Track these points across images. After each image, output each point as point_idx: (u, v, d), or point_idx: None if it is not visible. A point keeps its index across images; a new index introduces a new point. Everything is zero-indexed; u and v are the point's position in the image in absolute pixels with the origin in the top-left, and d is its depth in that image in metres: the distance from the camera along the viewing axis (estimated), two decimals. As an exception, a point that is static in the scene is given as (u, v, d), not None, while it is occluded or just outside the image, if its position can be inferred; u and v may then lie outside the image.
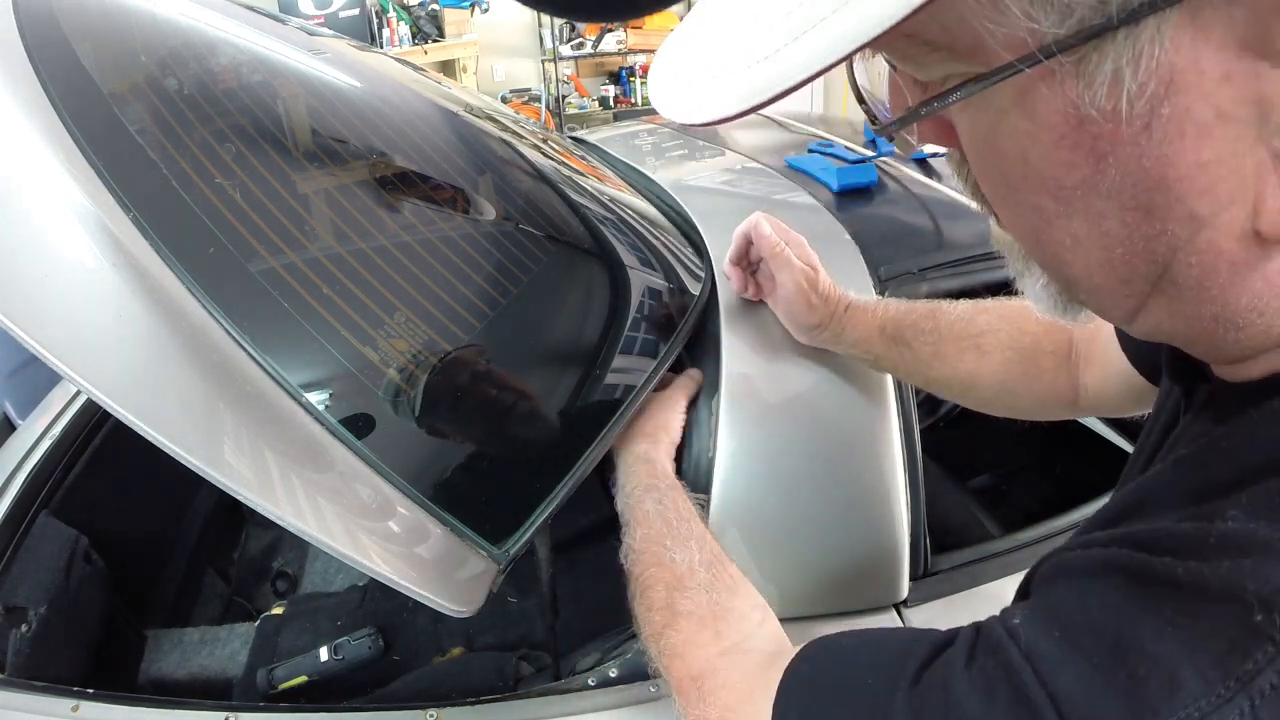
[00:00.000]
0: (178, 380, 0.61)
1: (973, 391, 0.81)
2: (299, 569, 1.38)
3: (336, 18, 4.46)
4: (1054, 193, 0.32)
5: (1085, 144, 0.30)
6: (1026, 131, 0.31)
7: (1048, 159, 0.31)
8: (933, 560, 0.93)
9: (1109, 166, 0.30)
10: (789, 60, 0.28)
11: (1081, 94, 0.29)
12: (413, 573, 0.62)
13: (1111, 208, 0.31)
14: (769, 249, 0.85)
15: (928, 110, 0.33)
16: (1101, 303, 0.36)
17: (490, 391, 0.80)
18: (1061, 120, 0.30)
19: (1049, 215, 0.33)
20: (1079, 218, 0.32)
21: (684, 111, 0.33)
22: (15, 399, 1.73)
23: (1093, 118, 0.29)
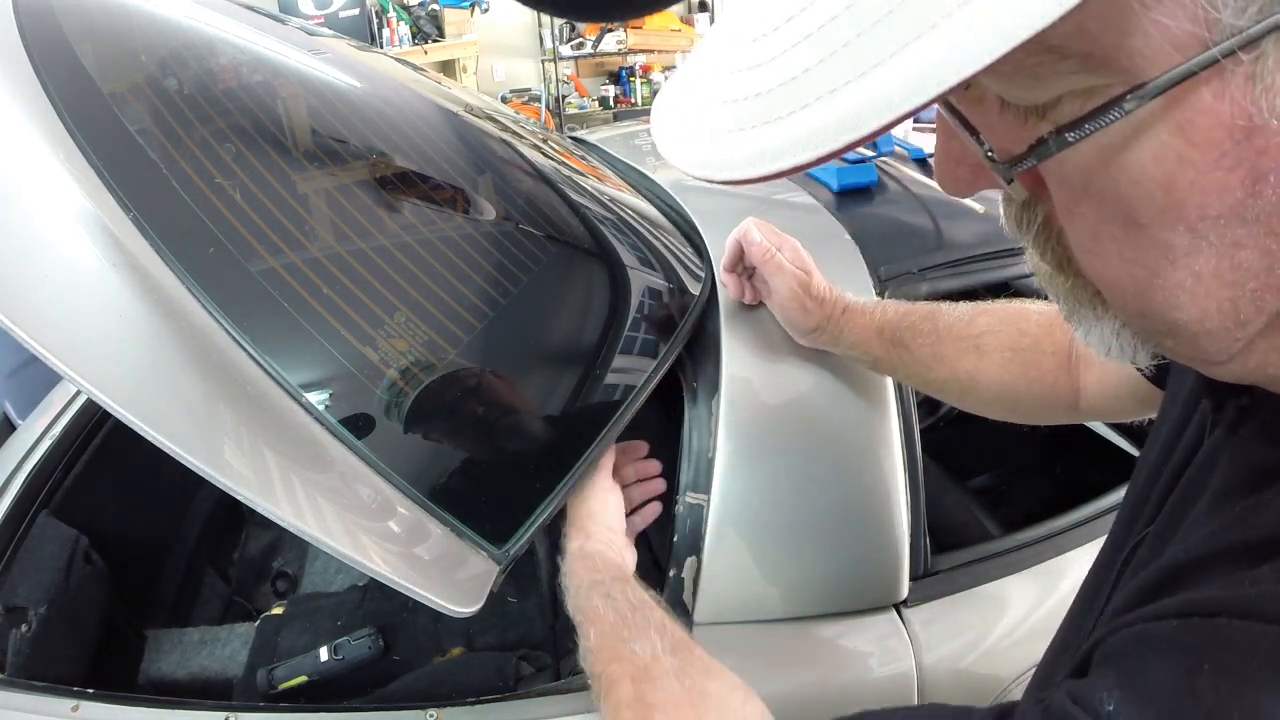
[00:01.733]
0: (178, 380, 0.61)
1: (972, 393, 0.81)
2: (299, 569, 1.37)
3: (336, 18, 4.46)
4: (1192, 225, 0.27)
5: (1247, 161, 0.25)
6: (1177, 152, 0.26)
7: (1198, 184, 0.26)
8: (933, 560, 0.93)
9: (1267, 186, 0.26)
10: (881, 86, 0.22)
11: (1257, 100, 0.24)
12: (413, 573, 0.61)
13: (1255, 234, 0.27)
14: (760, 256, 0.84)
15: (1077, 135, 0.26)
16: (1200, 348, 0.31)
17: (490, 392, 0.80)
18: (1225, 135, 0.25)
19: (1175, 255, 0.28)
20: (1210, 252, 0.28)
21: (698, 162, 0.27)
22: (15, 399, 1.73)
23: (1265, 129, 0.25)
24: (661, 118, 0.31)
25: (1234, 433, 0.39)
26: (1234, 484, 0.38)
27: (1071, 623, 0.54)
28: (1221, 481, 0.39)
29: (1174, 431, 0.48)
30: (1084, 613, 0.52)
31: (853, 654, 0.89)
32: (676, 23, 5.38)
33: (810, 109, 0.23)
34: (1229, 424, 0.40)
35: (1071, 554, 0.99)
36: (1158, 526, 0.44)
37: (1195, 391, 0.46)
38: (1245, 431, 0.38)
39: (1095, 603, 0.49)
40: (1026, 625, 0.94)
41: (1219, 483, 0.39)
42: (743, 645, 0.86)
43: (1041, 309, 0.79)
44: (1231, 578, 0.32)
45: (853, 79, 0.23)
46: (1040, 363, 0.76)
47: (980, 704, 0.40)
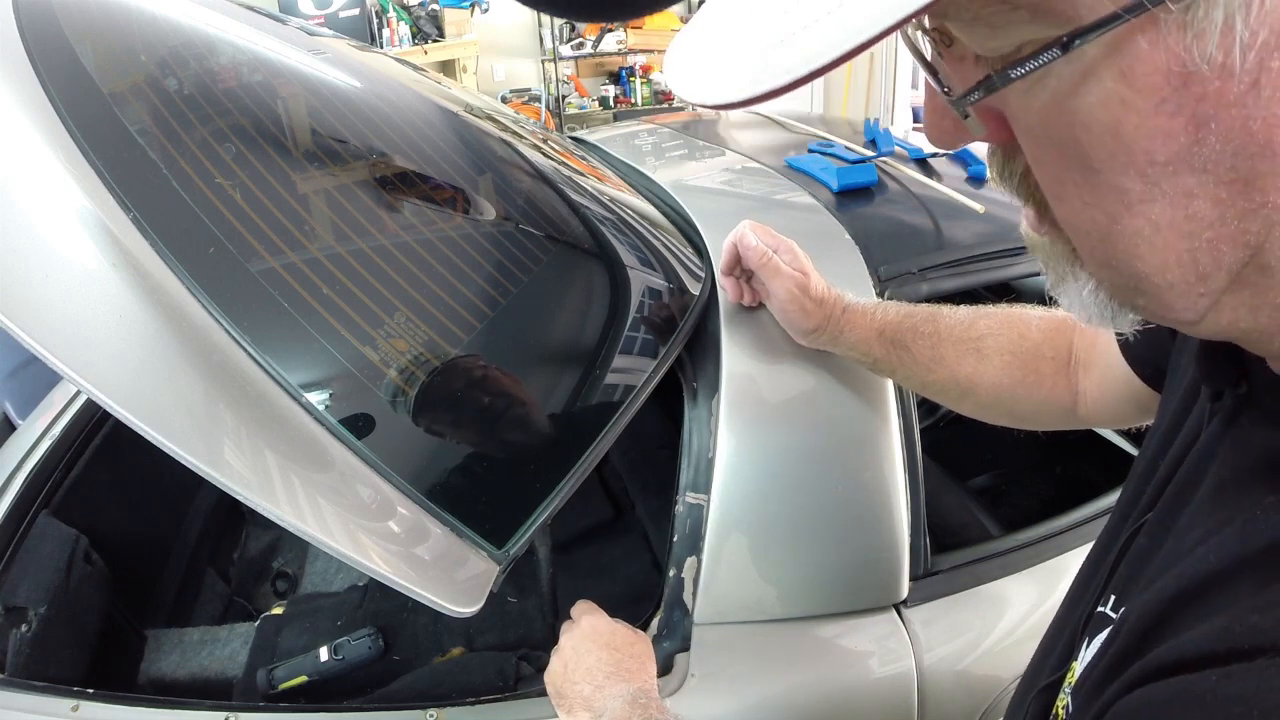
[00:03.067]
0: (178, 380, 0.61)
1: (971, 396, 0.81)
2: (299, 569, 1.38)
3: (336, 18, 4.46)
4: (1142, 170, 0.29)
5: (1187, 108, 0.27)
6: (1120, 97, 0.28)
7: (1143, 129, 0.28)
8: (933, 560, 0.93)
9: (1209, 133, 0.27)
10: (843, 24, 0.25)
11: (1189, 47, 0.26)
12: (413, 573, 0.61)
13: (1205, 183, 0.28)
14: (756, 259, 0.84)
15: (1019, 71, 0.28)
16: (1168, 303, 0.32)
17: (490, 392, 0.80)
18: (1163, 81, 0.27)
19: (1130, 200, 0.29)
20: (1163, 200, 0.29)
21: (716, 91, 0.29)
22: (15, 399, 1.73)
23: (1199, 75, 0.26)
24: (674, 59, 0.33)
25: (1234, 421, 0.39)
26: (1237, 472, 0.38)
27: (1063, 616, 0.54)
28: (1224, 470, 0.39)
29: (1172, 424, 0.48)
30: (1074, 605, 0.52)
31: (853, 654, 0.89)
32: (676, 23, 5.37)
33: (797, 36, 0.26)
34: (1228, 413, 0.40)
35: (1071, 554, 0.99)
36: (1157, 514, 0.44)
37: (1193, 387, 0.46)
38: (1245, 420, 0.38)
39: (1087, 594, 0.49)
40: (1026, 625, 0.94)
41: (1221, 471, 0.39)
42: (743, 645, 0.86)
43: (1042, 314, 0.79)
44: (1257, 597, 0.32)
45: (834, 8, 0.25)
46: (1040, 367, 0.76)
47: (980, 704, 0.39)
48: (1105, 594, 0.46)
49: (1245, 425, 0.38)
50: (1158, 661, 0.34)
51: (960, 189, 1.15)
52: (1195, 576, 0.36)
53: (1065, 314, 0.39)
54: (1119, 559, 0.47)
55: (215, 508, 1.40)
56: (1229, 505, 0.37)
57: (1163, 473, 0.46)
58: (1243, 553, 0.34)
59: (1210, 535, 0.37)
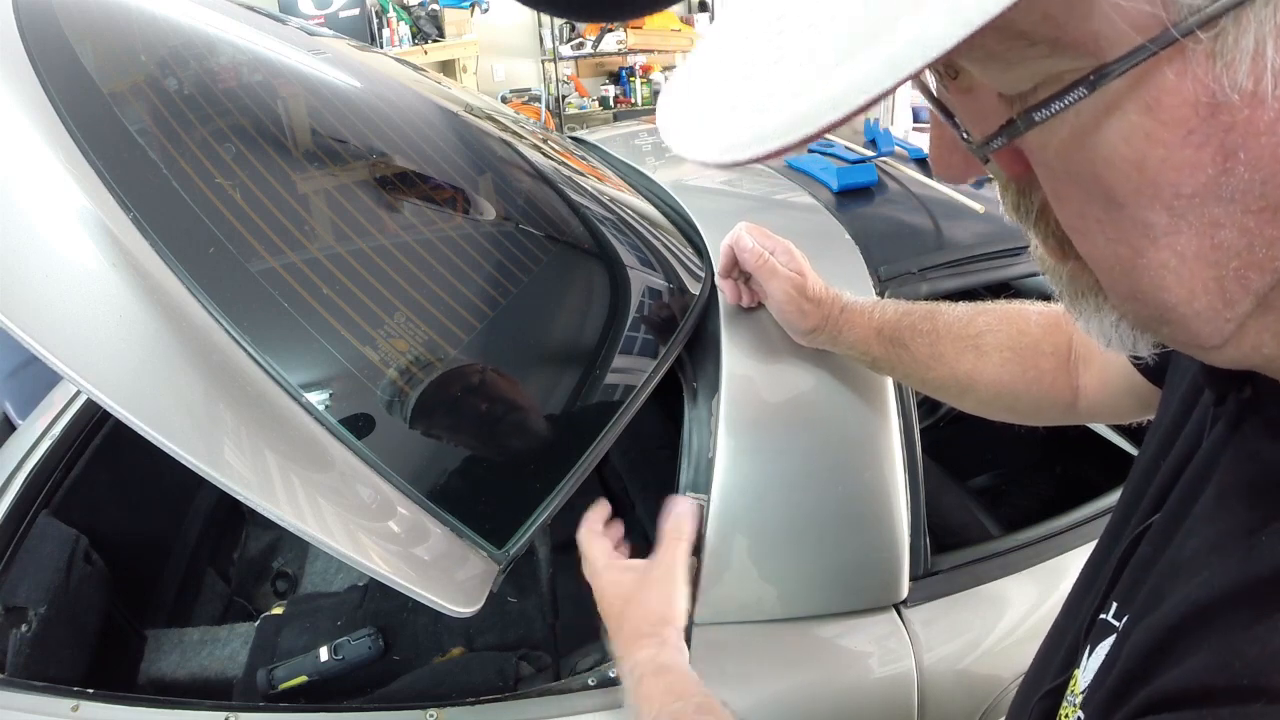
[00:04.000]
0: (178, 381, 0.61)
1: (970, 393, 0.81)
2: (299, 569, 1.38)
3: (336, 18, 4.46)
4: (1168, 204, 0.28)
5: (1215, 138, 0.26)
6: (1145, 131, 0.27)
7: (1169, 161, 0.27)
8: (933, 560, 0.93)
9: (1238, 163, 0.26)
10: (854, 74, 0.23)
11: (1219, 76, 0.25)
12: (413, 573, 0.62)
13: (1232, 213, 0.27)
14: (752, 261, 0.84)
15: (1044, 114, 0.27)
16: (1194, 332, 0.31)
17: (490, 392, 0.80)
18: (1191, 112, 0.26)
19: (1156, 233, 0.29)
20: (1189, 231, 0.28)
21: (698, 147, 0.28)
22: (15, 399, 1.73)
23: (1229, 105, 0.25)
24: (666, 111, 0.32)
25: (1237, 428, 0.39)
26: (1240, 485, 0.37)
27: (1064, 620, 0.54)
28: (1226, 479, 0.39)
29: (1173, 426, 0.47)
30: (1075, 609, 0.51)
31: (853, 654, 0.89)
32: (676, 23, 5.38)
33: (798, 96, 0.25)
34: (1231, 419, 0.39)
35: (1071, 554, 0.99)
36: (1160, 522, 0.44)
37: (1196, 385, 0.46)
38: (1248, 428, 0.38)
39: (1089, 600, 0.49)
40: (1026, 625, 0.94)
41: (1223, 480, 0.39)
42: (743, 645, 0.86)
43: (1041, 309, 0.79)
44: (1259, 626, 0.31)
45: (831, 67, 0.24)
46: (1039, 363, 0.76)
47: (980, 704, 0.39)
48: (1107, 601, 0.45)
49: (1249, 434, 0.38)
50: (1161, 692, 0.34)
51: (960, 189, 1.15)
52: (1200, 600, 0.35)
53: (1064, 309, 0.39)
54: (1121, 565, 0.46)
55: (215, 508, 1.40)
56: (1231, 516, 0.37)
57: (1164, 477, 0.46)
58: (1246, 578, 0.34)
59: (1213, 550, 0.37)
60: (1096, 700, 0.40)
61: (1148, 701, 0.34)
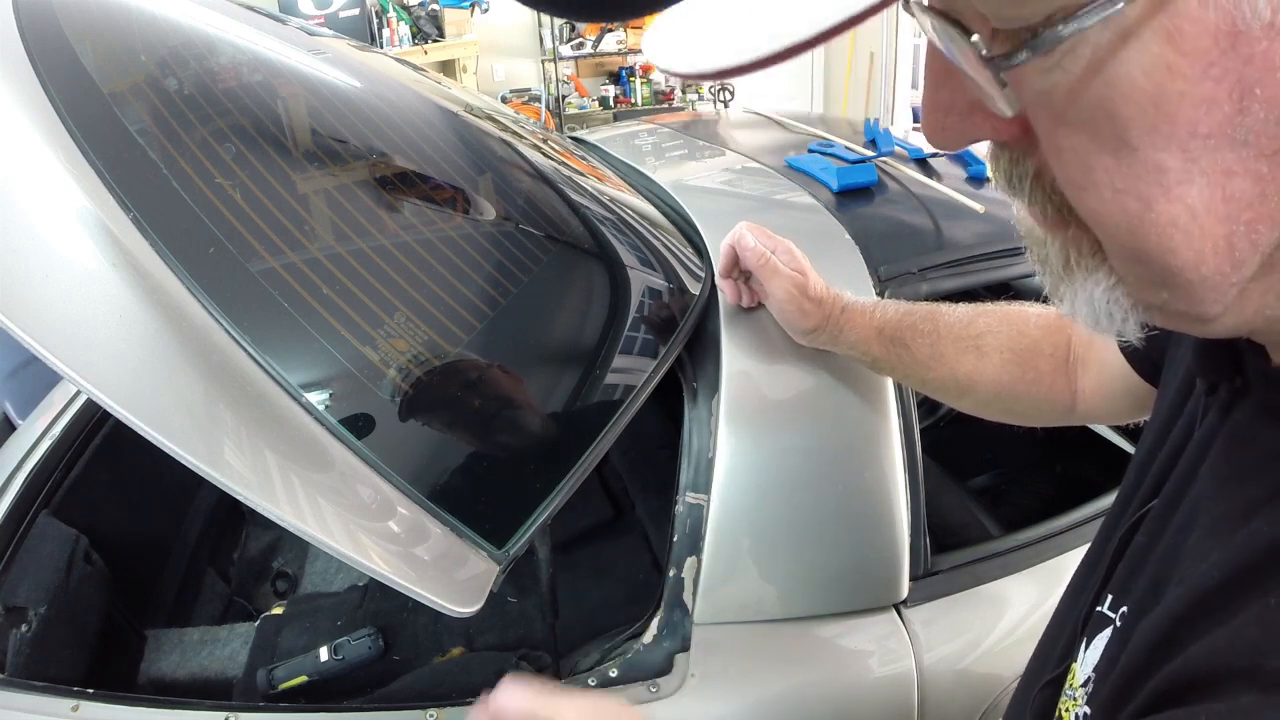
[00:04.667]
0: (178, 380, 0.61)
1: (970, 394, 0.81)
2: (299, 569, 1.38)
3: (336, 18, 4.46)
4: (1184, 144, 0.27)
5: (1234, 72, 0.25)
6: (1166, 62, 0.25)
7: (1188, 97, 0.26)
8: (933, 560, 0.93)
9: (1254, 100, 0.25)
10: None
11: (1240, 4, 0.24)
12: (413, 573, 0.61)
13: (1246, 158, 0.26)
14: (754, 261, 0.84)
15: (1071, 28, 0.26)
16: (1196, 298, 0.30)
17: (490, 392, 0.80)
18: (1212, 43, 0.25)
19: (1169, 180, 0.27)
20: (1201, 180, 0.27)
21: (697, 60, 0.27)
22: (15, 399, 1.73)
23: (1248, 35, 0.24)
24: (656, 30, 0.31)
25: (1228, 414, 0.39)
26: (1235, 468, 0.37)
27: (1062, 613, 0.54)
28: (1219, 465, 0.39)
29: (1167, 419, 0.48)
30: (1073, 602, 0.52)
31: (853, 654, 0.89)
32: (676, 23, 5.37)
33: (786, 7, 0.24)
34: (1223, 406, 0.39)
35: (1071, 554, 0.99)
36: (1156, 510, 0.44)
37: (1189, 379, 0.46)
38: (1239, 413, 0.38)
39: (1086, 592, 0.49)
40: (1026, 625, 0.94)
41: (1217, 466, 0.39)
42: (743, 645, 0.86)
43: (1041, 311, 0.79)
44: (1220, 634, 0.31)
45: None
46: (1038, 365, 0.77)
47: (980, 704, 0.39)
48: (1103, 593, 0.46)
49: (1240, 419, 0.38)
50: (1168, 683, 0.33)
51: (960, 189, 1.15)
52: (1201, 591, 0.35)
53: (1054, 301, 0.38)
54: (1116, 557, 0.47)
55: (215, 508, 1.40)
56: (1227, 500, 0.37)
57: (1158, 468, 0.46)
58: (1242, 562, 0.34)
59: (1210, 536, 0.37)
60: (1102, 696, 0.40)
61: (1155, 693, 0.34)
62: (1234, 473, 0.37)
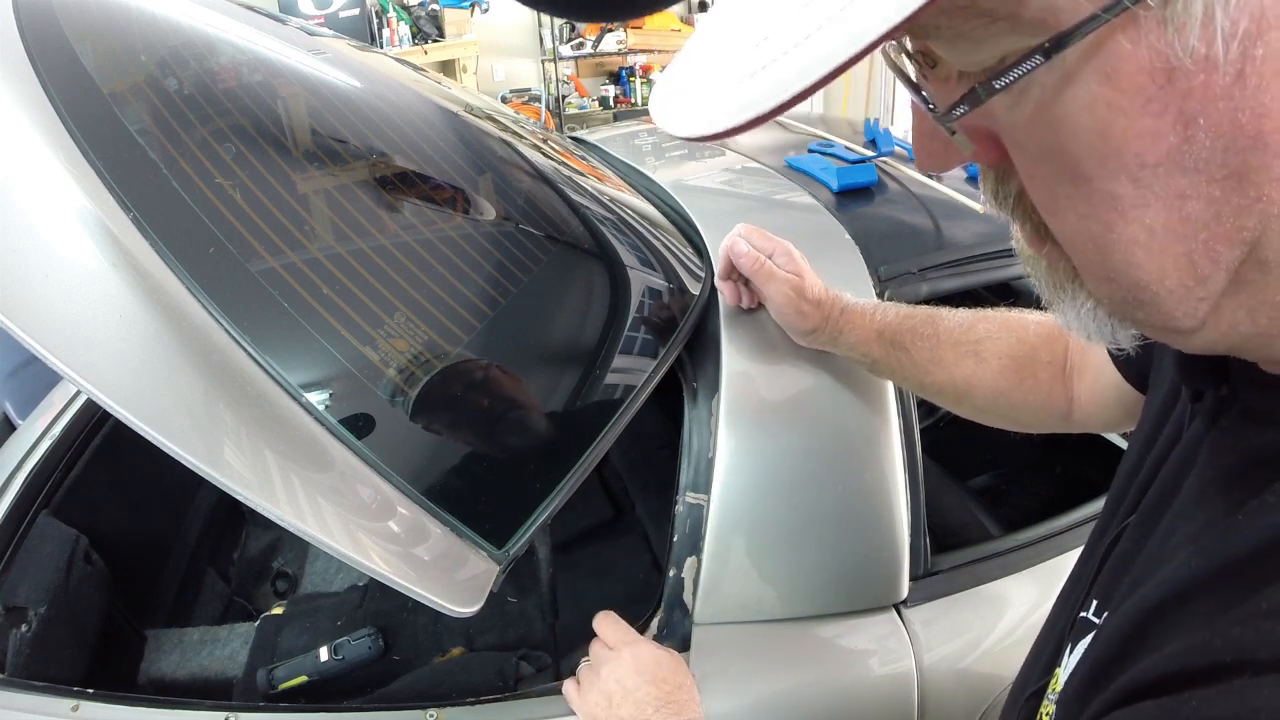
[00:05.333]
0: (178, 381, 0.61)
1: (968, 399, 0.81)
2: (299, 569, 1.38)
3: (336, 18, 4.46)
4: (1134, 174, 0.28)
5: (1174, 105, 0.27)
6: (1105, 100, 0.27)
7: (1131, 130, 0.27)
8: (933, 560, 0.93)
9: (1198, 130, 0.27)
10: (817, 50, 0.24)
11: (1171, 42, 0.26)
12: (413, 573, 0.62)
13: (1197, 183, 0.28)
14: (749, 266, 0.84)
15: (1004, 81, 0.28)
16: (1167, 311, 0.32)
17: (490, 392, 0.80)
18: (1148, 79, 0.26)
19: (1124, 205, 0.29)
20: (1156, 204, 0.29)
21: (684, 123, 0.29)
22: (15, 399, 1.73)
23: (1183, 70, 0.26)
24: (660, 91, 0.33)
25: (1214, 423, 0.39)
26: (1219, 473, 0.37)
27: (1050, 621, 0.54)
28: (1205, 471, 0.39)
29: (1154, 426, 0.48)
30: (1062, 610, 0.52)
31: (853, 654, 0.89)
32: (676, 23, 5.38)
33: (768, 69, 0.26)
34: (1208, 414, 0.40)
35: (1071, 554, 0.99)
36: (1138, 517, 0.44)
37: (1174, 387, 0.46)
38: (1226, 421, 0.38)
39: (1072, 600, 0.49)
40: (1026, 625, 0.94)
41: (1202, 473, 0.39)
42: (743, 645, 0.86)
43: (1040, 319, 0.79)
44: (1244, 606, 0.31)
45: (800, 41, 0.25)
46: (1036, 372, 0.77)
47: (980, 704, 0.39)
48: (1088, 599, 0.46)
49: (1225, 425, 0.38)
50: (1141, 678, 0.34)
51: (960, 189, 1.15)
52: (1177, 584, 0.35)
53: None
54: (1101, 564, 0.47)
55: (215, 508, 1.40)
56: (1211, 506, 0.37)
57: (1144, 475, 0.46)
58: (1224, 558, 0.34)
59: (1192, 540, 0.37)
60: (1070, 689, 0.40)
61: (1124, 690, 0.34)
62: (1219, 479, 0.37)
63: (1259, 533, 0.32)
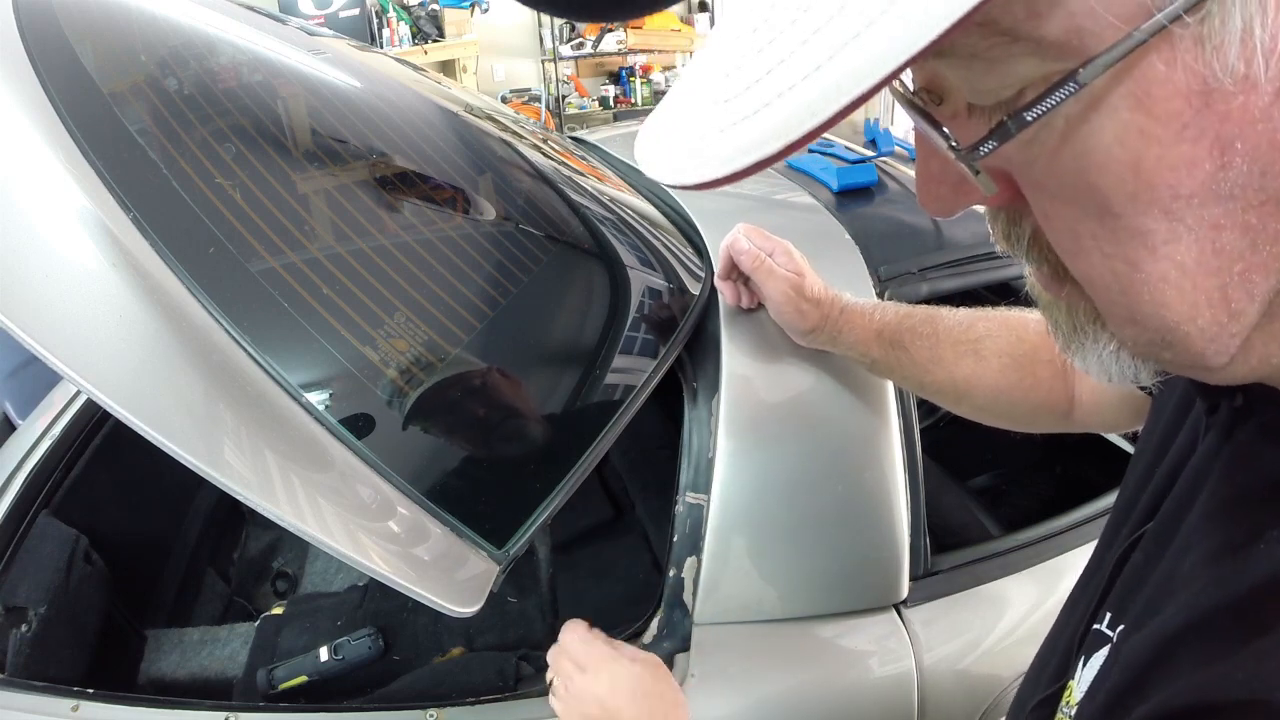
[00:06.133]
0: (178, 381, 0.61)
1: (968, 398, 0.81)
2: (299, 569, 1.38)
3: (336, 18, 4.46)
4: (1167, 207, 0.26)
5: (1211, 130, 0.25)
6: (1139, 128, 0.25)
7: (1165, 160, 0.25)
8: (933, 560, 0.93)
9: (1235, 155, 0.25)
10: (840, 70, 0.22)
11: (1209, 61, 0.24)
12: (413, 573, 0.61)
13: (1233, 212, 0.26)
14: (749, 264, 0.84)
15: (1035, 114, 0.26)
16: (1197, 352, 0.30)
17: (490, 391, 0.80)
18: (1184, 104, 0.24)
19: (1155, 242, 0.27)
20: (1189, 238, 0.27)
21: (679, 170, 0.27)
22: (15, 399, 1.73)
23: (1222, 91, 0.24)
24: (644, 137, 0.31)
25: (1229, 436, 0.38)
26: (1237, 490, 0.37)
27: (1058, 629, 0.54)
28: (1221, 488, 0.38)
29: (1167, 433, 0.47)
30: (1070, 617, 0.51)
31: (853, 654, 0.89)
32: (676, 23, 5.38)
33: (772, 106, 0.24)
34: (1224, 426, 0.39)
35: (1071, 554, 0.99)
36: (1155, 529, 0.44)
37: (1188, 393, 0.46)
38: (1241, 435, 0.37)
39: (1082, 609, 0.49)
40: (1026, 625, 0.94)
41: (1217, 490, 0.38)
42: (743, 645, 0.86)
43: (1039, 317, 0.79)
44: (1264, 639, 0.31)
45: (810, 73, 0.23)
46: (1036, 370, 0.76)
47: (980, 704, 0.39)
48: (1101, 611, 0.45)
49: (1242, 440, 0.37)
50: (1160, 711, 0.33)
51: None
52: (1195, 611, 0.35)
53: None
54: (1114, 573, 0.46)
55: (215, 508, 1.40)
56: (1229, 527, 0.36)
57: (1157, 484, 0.46)
58: (1242, 588, 0.33)
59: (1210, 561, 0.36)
60: (1088, 714, 0.40)
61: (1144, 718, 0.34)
62: (1236, 496, 0.37)
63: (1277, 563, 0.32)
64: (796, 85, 0.23)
